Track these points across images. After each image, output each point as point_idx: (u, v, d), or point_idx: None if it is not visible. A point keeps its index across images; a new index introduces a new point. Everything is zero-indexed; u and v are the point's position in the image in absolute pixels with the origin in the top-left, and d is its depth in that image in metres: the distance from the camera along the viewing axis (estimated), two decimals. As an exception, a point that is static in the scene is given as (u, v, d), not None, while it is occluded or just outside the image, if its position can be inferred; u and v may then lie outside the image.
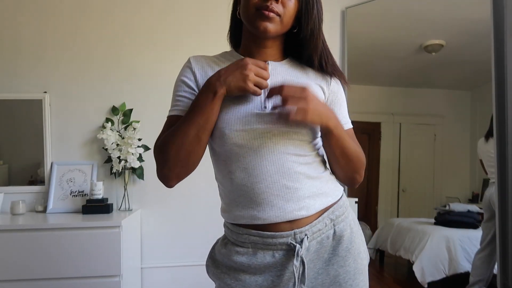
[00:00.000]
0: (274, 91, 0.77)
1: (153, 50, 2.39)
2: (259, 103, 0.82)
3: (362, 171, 0.88)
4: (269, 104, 0.81)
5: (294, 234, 0.79)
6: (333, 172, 0.90)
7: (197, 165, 0.84)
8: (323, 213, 0.83)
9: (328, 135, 0.80)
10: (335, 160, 0.85)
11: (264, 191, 0.79)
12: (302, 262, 0.79)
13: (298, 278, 0.79)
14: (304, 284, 0.79)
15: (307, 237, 0.80)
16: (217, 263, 0.88)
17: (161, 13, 2.41)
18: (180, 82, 0.89)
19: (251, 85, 0.76)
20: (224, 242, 0.89)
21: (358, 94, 2.52)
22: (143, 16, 2.39)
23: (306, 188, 0.81)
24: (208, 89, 0.78)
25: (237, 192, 0.82)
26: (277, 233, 0.79)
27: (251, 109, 0.81)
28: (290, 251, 0.80)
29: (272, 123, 0.79)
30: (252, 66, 0.76)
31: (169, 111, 0.90)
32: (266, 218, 0.79)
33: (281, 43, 0.89)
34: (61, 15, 2.33)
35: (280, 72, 0.87)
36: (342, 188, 0.91)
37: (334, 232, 0.83)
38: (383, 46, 2.64)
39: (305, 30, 0.83)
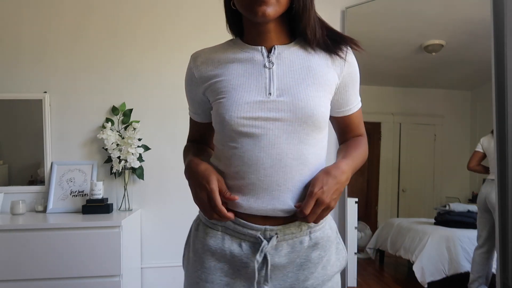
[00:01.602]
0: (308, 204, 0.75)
1: (153, 50, 2.39)
2: (263, 89, 0.79)
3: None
4: (274, 90, 0.79)
5: (265, 229, 0.79)
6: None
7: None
8: None
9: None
10: None
11: (253, 182, 0.77)
12: (267, 260, 0.78)
13: (257, 273, 0.78)
14: (267, 282, 0.79)
15: (277, 237, 0.79)
16: (188, 246, 0.90)
17: (162, 13, 2.41)
18: (185, 84, 0.92)
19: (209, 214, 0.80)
20: (196, 223, 0.90)
21: (358, 94, 2.51)
22: (144, 16, 2.39)
23: (296, 188, 0.78)
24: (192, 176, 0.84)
25: (228, 180, 0.81)
26: (248, 224, 0.79)
27: (254, 95, 0.78)
28: (257, 244, 0.79)
29: (276, 111, 0.77)
30: (201, 197, 0.81)
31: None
32: (247, 208, 0.78)
33: (284, 24, 0.85)
34: (61, 15, 2.33)
35: (288, 55, 0.83)
36: None
37: (310, 239, 0.82)
38: (383, 46, 2.64)
39: (296, 4, 0.80)
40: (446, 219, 2.38)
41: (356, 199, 2.50)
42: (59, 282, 1.83)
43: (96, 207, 2.09)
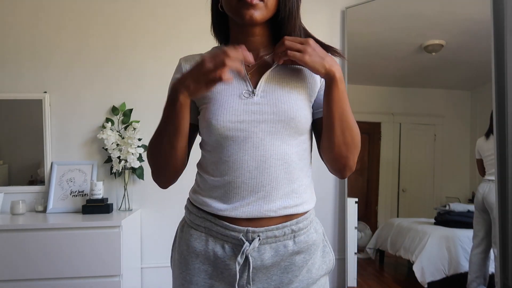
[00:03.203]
0: (278, 47, 0.79)
1: (153, 50, 2.39)
2: (246, 91, 0.81)
3: (356, 153, 0.82)
4: (259, 93, 0.81)
5: (247, 231, 0.79)
6: (323, 153, 0.86)
7: (183, 166, 0.86)
8: (285, 221, 0.81)
9: (332, 84, 0.77)
10: (331, 127, 0.79)
11: (239, 186, 0.79)
12: (249, 262, 0.78)
13: (240, 275, 0.79)
14: (250, 284, 0.79)
15: (259, 239, 0.79)
16: (175, 248, 0.90)
17: (162, 14, 2.41)
18: (172, 81, 0.92)
19: (209, 84, 0.72)
20: (181, 224, 0.91)
21: (358, 94, 2.52)
22: (144, 16, 2.39)
23: (281, 191, 0.79)
24: (172, 96, 0.77)
25: (215, 183, 0.81)
26: (230, 225, 0.79)
27: (239, 97, 0.80)
28: (239, 246, 0.79)
29: (260, 114, 0.78)
30: (209, 59, 0.71)
31: None
32: (231, 210, 0.79)
33: (269, 30, 0.87)
34: (61, 16, 2.33)
35: (271, 59, 0.85)
36: (315, 200, 0.89)
37: (294, 243, 0.82)
38: (383, 46, 2.64)
39: (283, 11, 0.82)
40: (446, 219, 2.39)
41: (356, 199, 2.51)
42: (59, 282, 1.83)
43: (96, 207, 2.09)
